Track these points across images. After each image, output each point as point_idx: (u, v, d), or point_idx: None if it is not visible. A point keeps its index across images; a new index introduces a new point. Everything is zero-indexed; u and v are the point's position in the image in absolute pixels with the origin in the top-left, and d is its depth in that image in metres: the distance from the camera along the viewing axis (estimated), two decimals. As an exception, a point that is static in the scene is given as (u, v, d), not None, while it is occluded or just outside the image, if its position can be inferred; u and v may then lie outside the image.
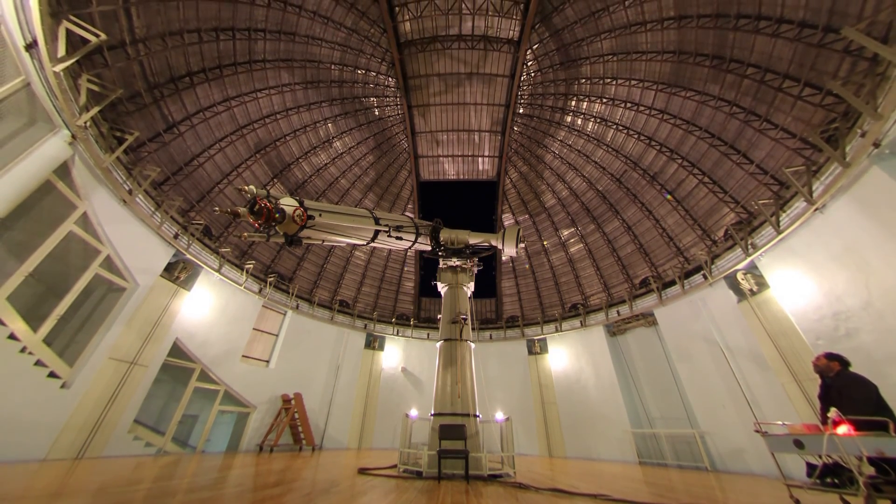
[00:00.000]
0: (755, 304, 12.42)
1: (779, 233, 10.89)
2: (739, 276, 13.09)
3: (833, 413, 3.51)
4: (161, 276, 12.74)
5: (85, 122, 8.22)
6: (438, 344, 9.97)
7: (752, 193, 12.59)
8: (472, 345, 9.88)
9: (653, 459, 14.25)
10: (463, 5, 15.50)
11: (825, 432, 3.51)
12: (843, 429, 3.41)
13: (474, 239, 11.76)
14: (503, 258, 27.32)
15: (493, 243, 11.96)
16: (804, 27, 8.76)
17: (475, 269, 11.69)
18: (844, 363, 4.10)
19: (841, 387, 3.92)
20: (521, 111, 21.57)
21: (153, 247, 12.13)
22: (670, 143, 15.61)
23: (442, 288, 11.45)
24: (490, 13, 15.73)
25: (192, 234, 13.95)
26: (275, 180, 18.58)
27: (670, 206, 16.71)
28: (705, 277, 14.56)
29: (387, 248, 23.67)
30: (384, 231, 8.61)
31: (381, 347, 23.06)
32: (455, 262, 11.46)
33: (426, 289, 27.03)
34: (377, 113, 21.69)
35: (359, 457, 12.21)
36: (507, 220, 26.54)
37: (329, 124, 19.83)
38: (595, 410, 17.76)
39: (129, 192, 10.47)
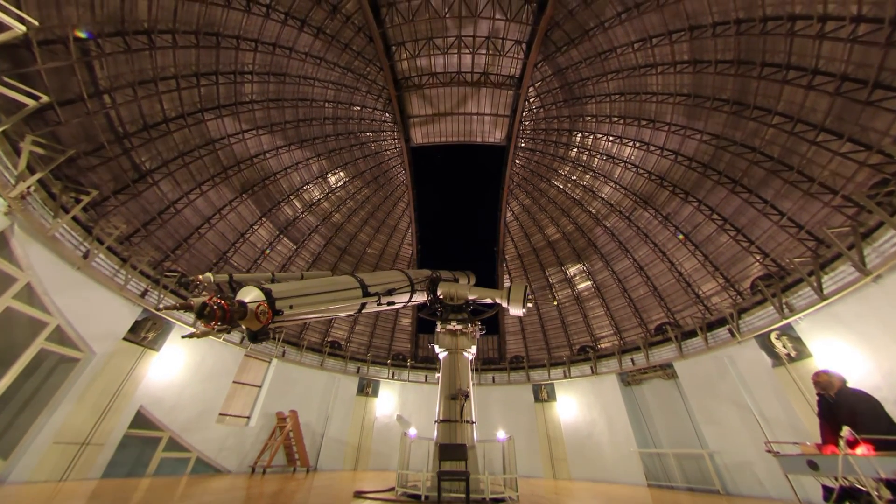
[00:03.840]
0: (795, 374, 10.93)
1: (823, 298, 9.59)
2: (773, 337, 11.70)
3: (846, 432, 3.32)
4: (124, 338, 11.36)
5: (28, 188, 7.09)
6: (436, 423, 8.59)
7: (783, 247, 11.41)
8: (475, 423, 8.49)
9: (661, 481, 13.27)
10: (462, 43, 14.90)
11: (838, 453, 3.32)
12: (862, 449, 3.21)
13: (475, 294, 10.42)
14: (506, 293, 25.97)
15: (498, 301, 10.62)
16: (847, 81, 7.85)
17: (477, 333, 10.30)
18: (843, 379, 3.95)
19: (851, 405, 3.69)
20: (522, 145, 20.84)
21: (115, 309, 10.82)
22: (684, 185, 14.60)
23: (440, 353, 10.01)
24: (490, 51, 15.11)
25: (164, 286, 12.66)
26: (263, 219, 17.51)
27: (687, 251, 15.53)
28: (732, 334, 13.14)
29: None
30: (374, 299, 7.35)
31: (375, 393, 21.13)
32: (454, 325, 10.06)
33: (424, 325, 25.48)
34: (373, 147, 20.95)
35: (355, 478, 11.76)
36: (510, 250, 25.36)
37: (323, 160, 18.98)
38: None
39: (86, 255, 9.26)
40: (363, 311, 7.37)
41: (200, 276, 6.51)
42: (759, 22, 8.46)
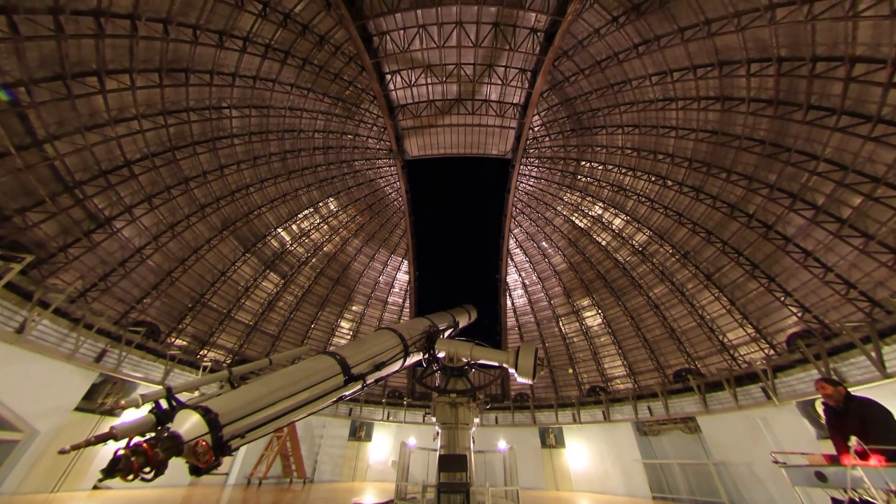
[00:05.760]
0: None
1: (885, 376, 8.17)
2: (819, 406, 10.26)
3: (854, 442, 3.19)
4: (77, 409, 9.89)
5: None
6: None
7: (828, 304, 10.04)
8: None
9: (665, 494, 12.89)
10: (461, 71, 13.83)
11: (847, 463, 3.21)
12: (872, 460, 3.07)
13: (478, 356, 8.92)
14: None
15: (504, 365, 9.11)
16: (922, 134, 6.64)
17: (481, 407, 8.81)
18: (846, 387, 3.83)
19: (861, 413, 3.48)
20: (526, 172, 19.70)
21: (63, 379, 9.36)
22: (706, 224, 13.32)
23: (437, 427, 8.50)
24: (493, 81, 14.04)
25: (128, 342, 11.21)
26: (246, 256, 16.17)
27: (710, 294, 14.15)
28: (767, 394, 11.68)
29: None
30: (358, 385, 5.89)
31: (369, 437, 19.20)
32: (454, 397, 8.55)
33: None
34: (369, 175, 19.80)
35: (353, 490, 11.74)
36: (513, 279, 23.97)
37: (313, 190, 17.76)
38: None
39: (21, 328, 7.86)
40: (348, 394, 5.93)
41: (123, 402, 5.11)
42: (808, 62, 7.32)
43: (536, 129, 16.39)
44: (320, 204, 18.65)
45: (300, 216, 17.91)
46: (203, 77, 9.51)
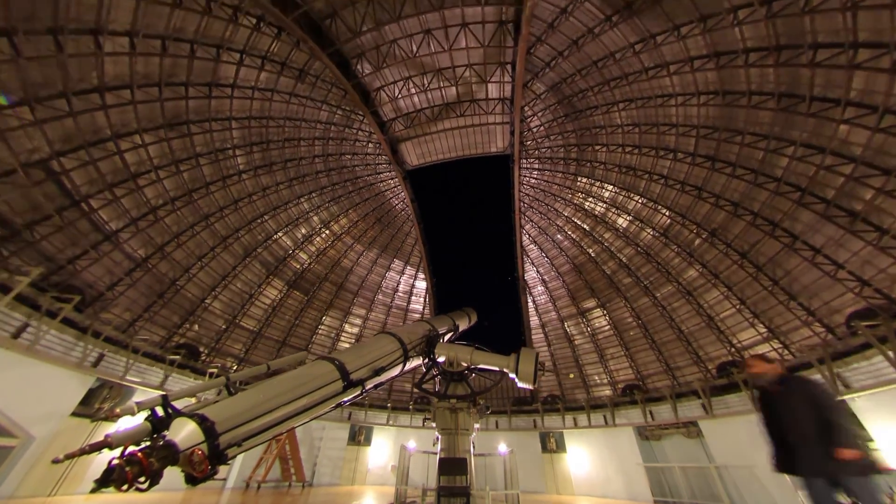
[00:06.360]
0: None
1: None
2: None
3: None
4: (73, 413, 9.85)
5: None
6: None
7: (890, 274, 8.25)
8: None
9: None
10: (442, 76, 13.93)
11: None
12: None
13: (478, 360, 8.77)
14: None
15: (505, 370, 8.83)
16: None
17: (482, 412, 8.64)
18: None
19: (791, 401, 2.71)
20: (527, 165, 19.05)
21: (60, 384, 9.43)
22: (731, 196, 11.75)
23: (437, 433, 8.48)
24: (474, 80, 13.93)
25: (170, 363, 12.82)
26: (270, 278, 17.68)
27: (746, 274, 12.38)
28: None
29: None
30: (357, 391, 6.08)
31: (368, 441, 18.51)
32: (454, 402, 8.50)
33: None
34: (374, 189, 20.63)
35: (352, 493, 11.90)
36: (531, 277, 23.11)
37: (323, 211, 18.95)
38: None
39: (17, 333, 8.56)
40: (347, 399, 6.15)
41: (118, 409, 5.86)
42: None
43: (530, 120, 15.85)
44: (332, 223, 19.79)
45: (314, 236, 19.16)
46: (203, 125, 10.80)
